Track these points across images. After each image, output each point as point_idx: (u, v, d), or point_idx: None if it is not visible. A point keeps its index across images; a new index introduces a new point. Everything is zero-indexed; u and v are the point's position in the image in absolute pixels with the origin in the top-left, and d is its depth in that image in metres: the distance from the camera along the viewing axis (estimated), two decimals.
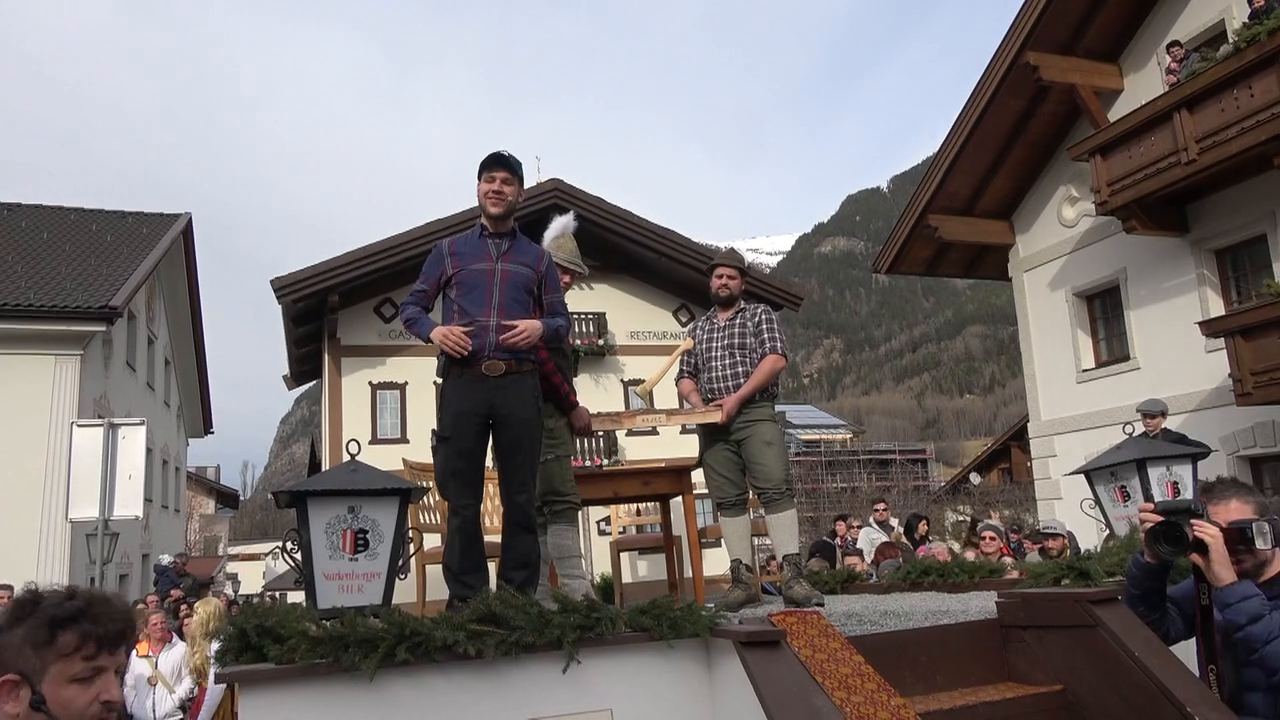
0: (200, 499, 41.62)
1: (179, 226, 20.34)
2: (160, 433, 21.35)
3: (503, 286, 3.63)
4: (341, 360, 17.73)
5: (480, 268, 3.65)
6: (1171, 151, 11.27)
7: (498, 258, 3.69)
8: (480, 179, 3.75)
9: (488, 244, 3.72)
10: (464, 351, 3.47)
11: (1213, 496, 2.86)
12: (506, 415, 3.55)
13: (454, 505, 3.50)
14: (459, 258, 3.68)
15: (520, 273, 3.71)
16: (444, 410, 3.56)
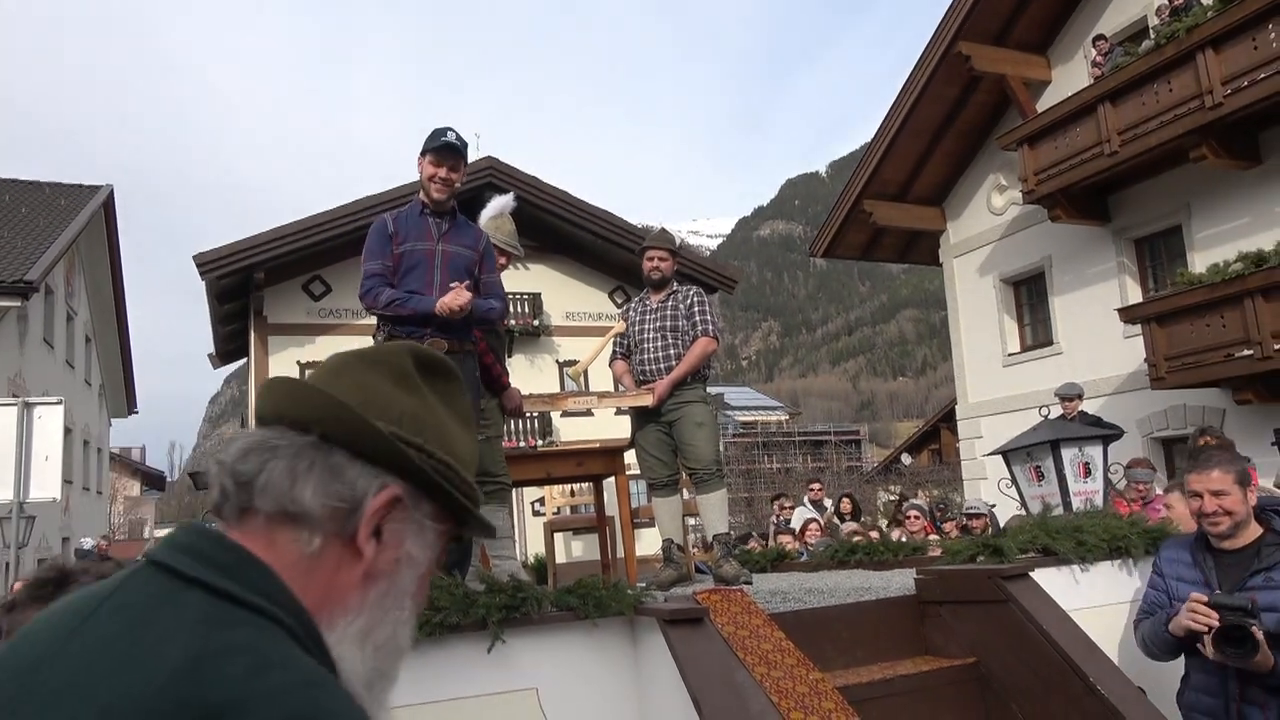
0: (125, 481, 40.37)
1: (100, 199, 19.60)
2: (81, 412, 20.63)
3: (444, 267, 3.60)
4: (269, 339, 17.28)
5: (422, 247, 3.60)
6: (1095, 143, 11.62)
7: (439, 238, 3.64)
8: (425, 158, 3.64)
9: (429, 223, 3.65)
10: (465, 306, 3.41)
11: (1196, 464, 2.93)
12: None
13: None
14: (401, 236, 3.60)
15: (461, 254, 3.68)
16: None
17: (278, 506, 0.79)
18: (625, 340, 5.11)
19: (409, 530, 0.85)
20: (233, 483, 0.80)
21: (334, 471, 0.81)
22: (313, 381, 0.88)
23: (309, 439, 0.81)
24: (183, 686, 0.64)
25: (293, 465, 0.80)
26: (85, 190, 20.02)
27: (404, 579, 0.85)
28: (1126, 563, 3.75)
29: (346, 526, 0.81)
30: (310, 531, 0.80)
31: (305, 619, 0.76)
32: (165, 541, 0.79)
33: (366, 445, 0.82)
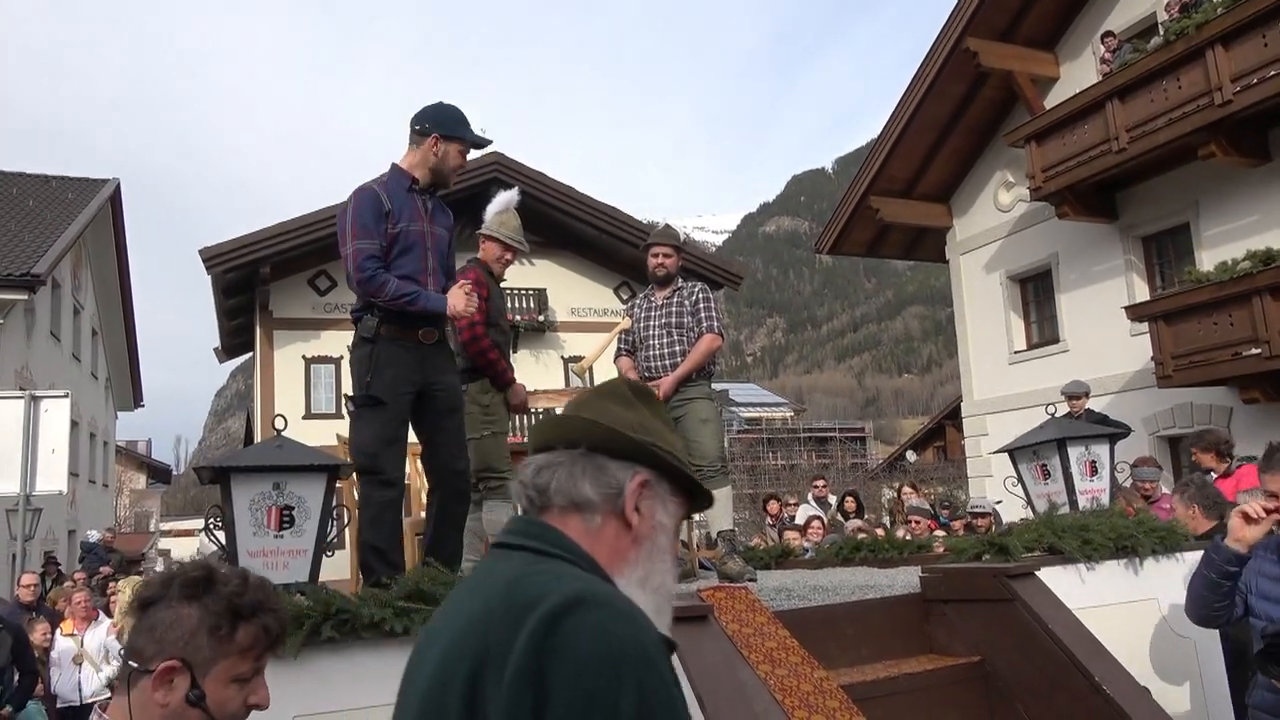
0: (130, 474, 40.48)
1: (106, 192, 19.64)
2: (87, 405, 20.70)
3: (433, 250, 3.48)
4: (274, 333, 17.30)
5: (416, 228, 3.43)
6: (1103, 140, 11.57)
7: (426, 218, 3.50)
8: (451, 143, 3.45)
9: (417, 201, 3.48)
10: (475, 307, 3.35)
11: (1271, 464, 2.90)
12: (436, 381, 3.41)
13: (387, 477, 3.27)
14: (395, 214, 3.41)
15: (443, 236, 3.57)
16: (377, 374, 3.26)
17: (567, 500, 1.17)
18: (630, 337, 5.11)
19: (657, 503, 1.21)
20: (535, 492, 1.19)
21: (600, 469, 1.18)
22: (567, 413, 1.27)
23: (578, 451, 1.19)
24: (510, 593, 1.04)
25: (571, 471, 1.18)
26: (92, 184, 20.06)
27: (660, 539, 1.21)
28: (1133, 562, 3.74)
29: (616, 506, 1.17)
30: (592, 513, 1.17)
31: (598, 568, 1.13)
32: (502, 531, 1.22)
33: (619, 447, 1.19)
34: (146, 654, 1.37)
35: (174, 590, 1.40)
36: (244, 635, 1.42)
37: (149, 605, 1.39)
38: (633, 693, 0.95)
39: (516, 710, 0.94)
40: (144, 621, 1.39)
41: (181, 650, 1.36)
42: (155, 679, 1.35)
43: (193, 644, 1.37)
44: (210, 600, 1.40)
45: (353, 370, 3.38)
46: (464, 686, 0.99)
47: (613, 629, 0.98)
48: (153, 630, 1.38)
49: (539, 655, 0.96)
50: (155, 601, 1.39)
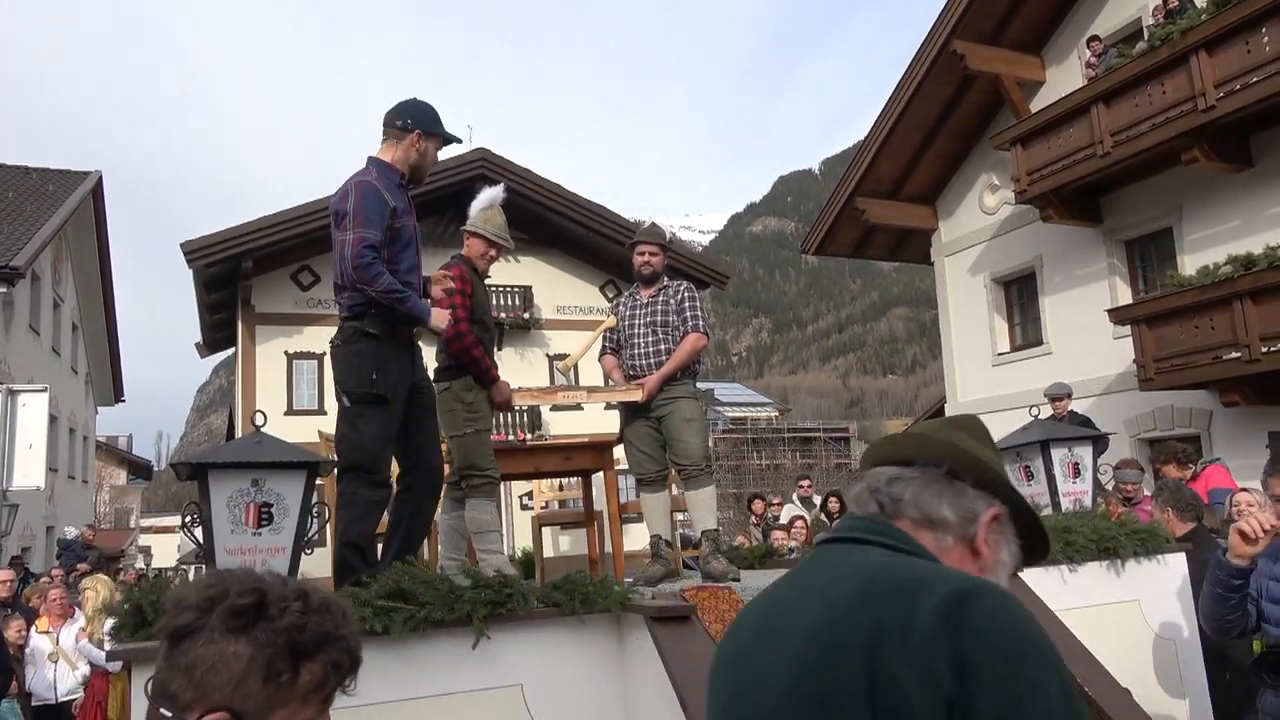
0: (111, 469, 40.12)
1: (88, 185, 19.45)
2: (67, 400, 20.48)
3: (417, 244, 3.57)
4: (256, 328, 17.15)
5: (409, 223, 3.48)
6: (1088, 144, 11.63)
7: (412, 211, 3.58)
8: (429, 140, 3.47)
9: (406, 196, 3.52)
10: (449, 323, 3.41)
11: (1276, 470, 2.91)
12: (422, 381, 3.52)
13: (381, 477, 3.29)
14: (397, 210, 3.41)
15: (418, 229, 3.64)
16: (381, 371, 3.25)
17: (921, 514, 1.21)
18: (615, 335, 5.09)
19: (1003, 541, 1.24)
20: (888, 499, 1.24)
21: (959, 494, 1.22)
22: (929, 434, 1.32)
23: (939, 471, 1.23)
24: (893, 575, 1.09)
25: (929, 488, 1.22)
26: (74, 176, 19.86)
27: (1000, 578, 1.22)
28: (1115, 564, 3.75)
29: (967, 532, 1.21)
30: (945, 533, 1.21)
31: None
32: (834, 531, 1.27)
33: (981, 476, 1.23)
34: (183, 700, 1.07)
35: (216, 620, 1.09)
36: (307, 677, 1.10)
37: (183, 637, 1.09)
38: (1058, 681, 1.01)
39: (931, 675, 0.99)
40: (178, 658, 1.08)
41: (229, 698, 1.07)
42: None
43: (242, 690, 1.07)
44: (264, 634, 1.09)
45: (346, 365, 3.35)
46: (863, 652, 1.03)
47: (1023, 618, 1.04)
48: (190, 671, 1.07)
49: (951, 626, 1.01)
50: (191, 633, 1.09)
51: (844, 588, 1.12)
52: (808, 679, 1.07)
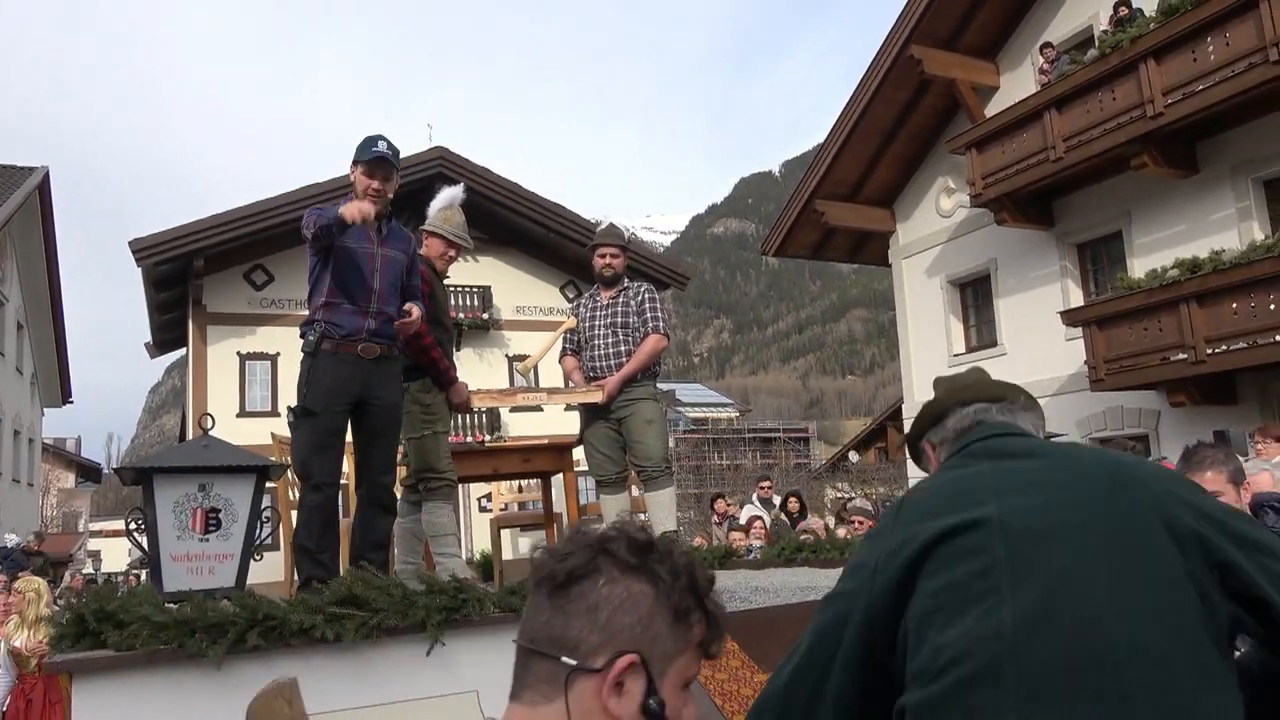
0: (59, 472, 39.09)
1: (34, 180, 18.93)
2: (11, 401, 19.94)
3: (382, 271, 3.63)
4: (208, 328, 16.79)
5: (362, 249, 3.61)
6: (1041, 149, 11.84)
7: (378, 242, 3.67)
8: (358, 168, 3.64)
9: (367, 226, 3.62)
10: (369, 215, 3.40)
11: (1189, 466, 2.89)
12: (376, 398, 3.57)
13: (316, 482, 3.41)
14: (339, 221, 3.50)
15: (397, 259, 3.73)
16: (313, 386, 3.47)
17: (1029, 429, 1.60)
18: (575, 336, 5.06)
19: None
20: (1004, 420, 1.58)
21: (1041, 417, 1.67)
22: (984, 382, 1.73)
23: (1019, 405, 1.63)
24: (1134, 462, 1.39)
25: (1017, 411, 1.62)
26: (19, 171, 19.31)
27: None
28: None
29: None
30: None
31: None
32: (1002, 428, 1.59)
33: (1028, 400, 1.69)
34: (586, 645, 0.98)
35: (616, 556, 1.02)
36: (700, 625, 1.03)
37: (577, 579, 1.01)
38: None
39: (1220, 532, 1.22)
40: (574, 601, 1.00)
41: (637, 641, 0.98)
42: (607, 680, 0.96)
43: (650, 632, 0.99)
44: (664, 571, 1.02)
45: (297, 384, 3.57)
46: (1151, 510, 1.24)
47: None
48: (594, 613, 0.99)
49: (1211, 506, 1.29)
50: (587, 575, 1.01)
51: (1098, 463, 1.36)
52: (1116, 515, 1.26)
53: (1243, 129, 10.63)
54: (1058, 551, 1.22)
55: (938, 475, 1.52)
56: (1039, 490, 1.31)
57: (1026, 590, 1.19)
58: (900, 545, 1.33)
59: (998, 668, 1.15)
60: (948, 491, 1.39)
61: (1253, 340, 9.64)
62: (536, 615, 1.02)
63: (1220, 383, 10.57)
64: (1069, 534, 1.23)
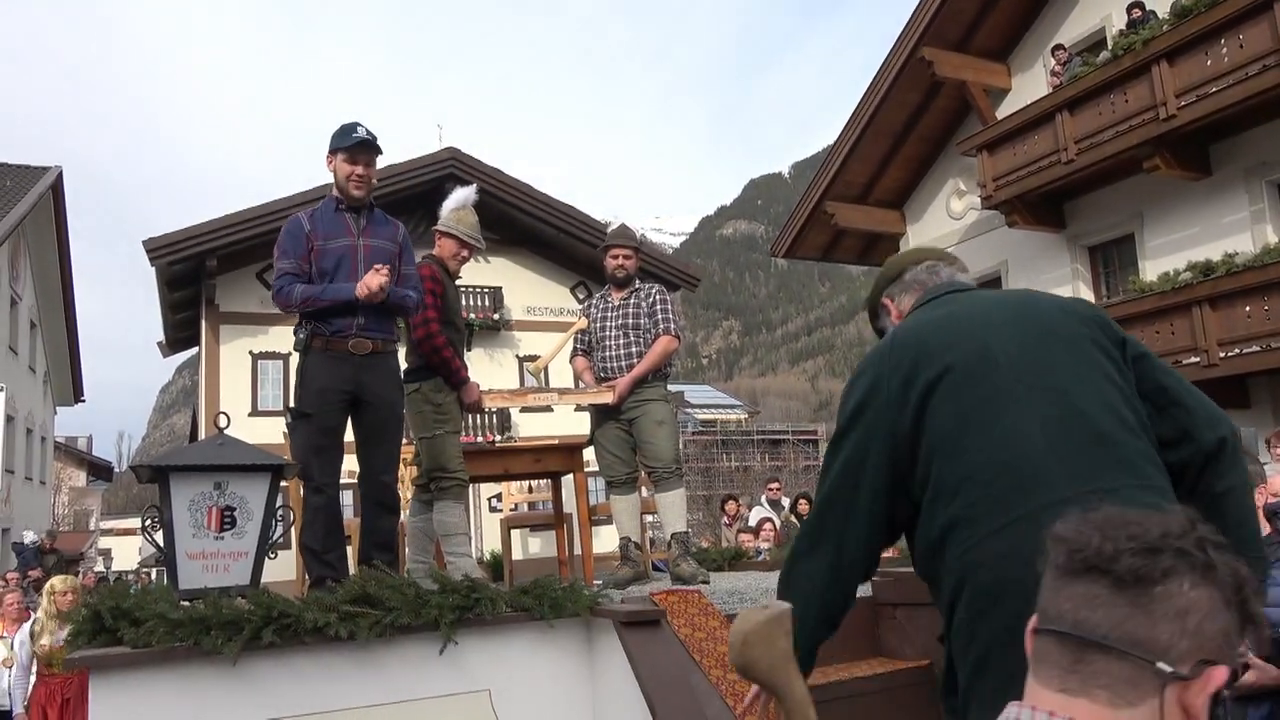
0: (70, 471, 39.35)
1: (48, 180, 19.07)
2: (24, 400, 20.07)
3: (367, 260, 3.60)
4: (220, 328, 16.86)
5: (342, 243, 3.61)
6: (1052, 151, 11.80)
7: (359, 233, 3.65)
8: (338, 156, 3.62)
9: (346, 219, 3.66)
10: (384, 286, 3.41)
11: None
12: (372, 395, 3.55)
13: (317, 484, 3.42)
14: (319, 233, 3.59)
15: (383, 247, 3.70)
16: (306, 386, 3.47)
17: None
18: (586, 337, 5.07)
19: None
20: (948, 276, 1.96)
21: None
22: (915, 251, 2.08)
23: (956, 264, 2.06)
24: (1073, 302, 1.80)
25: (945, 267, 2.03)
26: (33, 171, 19.46)
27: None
28: None
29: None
30: None
31: None
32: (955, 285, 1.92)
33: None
34: (1176, 651, 0.93)
35: (1194, 557, 0.95)
36: (1246, 638, 0.97)
37: (1158, 579, 0.94)
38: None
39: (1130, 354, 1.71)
40: (1161, 603, 0.94)
41: (1220, 651, 0.94)
42: (1203, 691, 0.93)
43: (1229, 642, 0.94)
44: (1227, 579, 0.95)
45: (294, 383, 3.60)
46: (1085, 328, 1.69)
47: None
48: (1183, 618, 0.93)
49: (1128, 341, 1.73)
50: (1169, 575, 0.94)
51: (1049, 303, 1.78)
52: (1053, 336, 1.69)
53: (1256, 131, 10.57)
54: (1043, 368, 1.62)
55: (922, 315, 1.82)
56: (1016, 323, 1.69)
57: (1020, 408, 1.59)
58: (913, 374, 1.65)
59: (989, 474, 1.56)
60: (944, 328, 1.71)
61: (1266, 344, 9.59)
62: (1104, 610, 0.95)
63: (1233, 386, 10.51)
64: (1041, 354, 1.64)
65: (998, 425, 1.57)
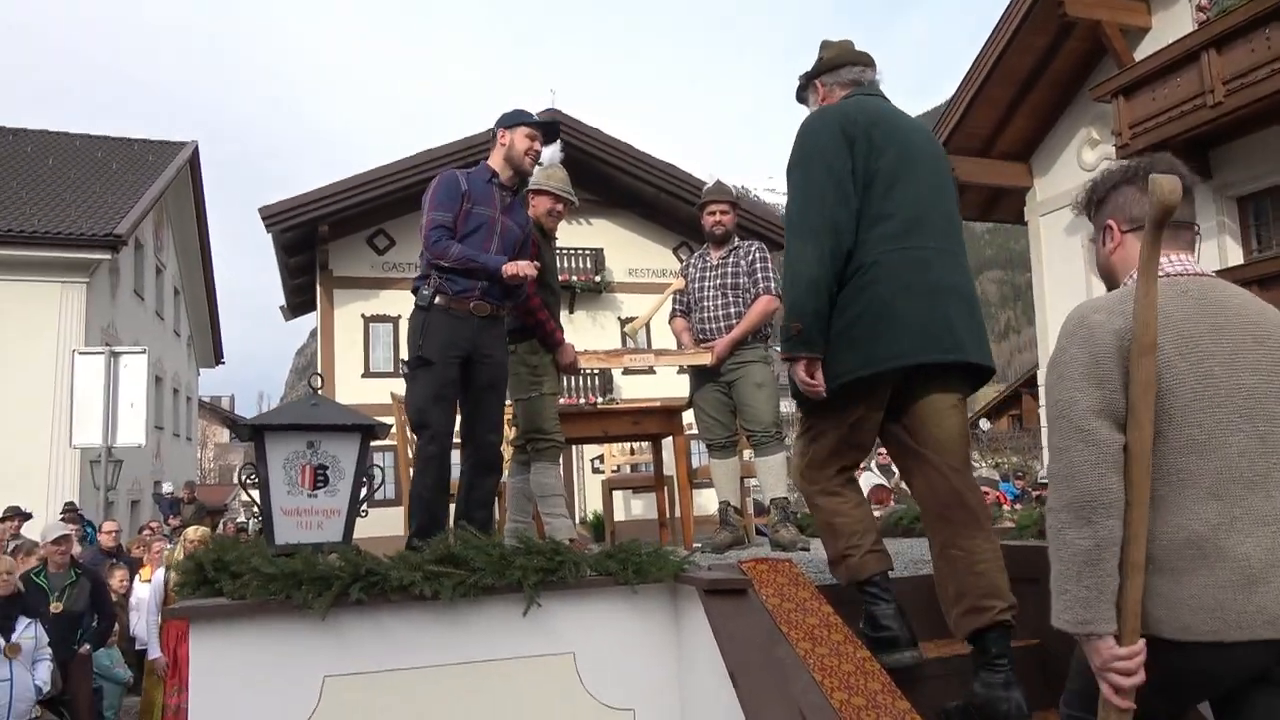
0: (214, 428, 42.11)
1: (185, 155, 20.15)
2: (170, 362, 21.46)
3: (501, 237, 3.73)
4: (334, 292, 17.48)
5: (486, 212, 3.71)
6: (1197, 93, 10.89)
7: (501, 209, 3.77)
8: (520, 129, 3.78)
9: (495, 192, 3.77)
10: (532, 275, 3.61)
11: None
12: (486, 355, 3.64)
13: (434, 431, 3.49)
14: (471, 197, 3.71)
15: (514, 230, 3.82)
16: (428, 338, 3.55)
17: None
18: (685, 297, 4.99)
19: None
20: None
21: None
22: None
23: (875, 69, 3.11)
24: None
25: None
26: (172, 146, 20.61)
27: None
28: None
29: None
30: None
31: None
32: (873, 89, 3.02)
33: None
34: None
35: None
36: None
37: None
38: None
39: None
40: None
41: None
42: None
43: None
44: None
45: (409, 338, 3.67)
46: (942, 151, 2.94)
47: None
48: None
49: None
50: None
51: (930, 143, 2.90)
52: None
53: None
54: (931, 163, 2.82)
55: (864, 102, 2.77)
56: (920, 132, 2.84)
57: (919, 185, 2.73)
58: (870, 131, 2.66)
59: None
60: (870, 107, 2.75)
61: None
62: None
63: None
64: (931, 151, 2.86)
65: (910, 187, 2.64)
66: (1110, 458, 1.62)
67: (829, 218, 2.56)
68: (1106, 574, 1.63)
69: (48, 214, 15.21)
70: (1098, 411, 1.63)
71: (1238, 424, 1.62)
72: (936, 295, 2.56)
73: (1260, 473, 1.61)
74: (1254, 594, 1.55)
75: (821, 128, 2.65)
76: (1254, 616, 1.55)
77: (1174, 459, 1.63)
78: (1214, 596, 1.57)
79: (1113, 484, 1.62)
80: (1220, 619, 1.57)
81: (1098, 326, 1.69)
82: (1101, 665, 1.66)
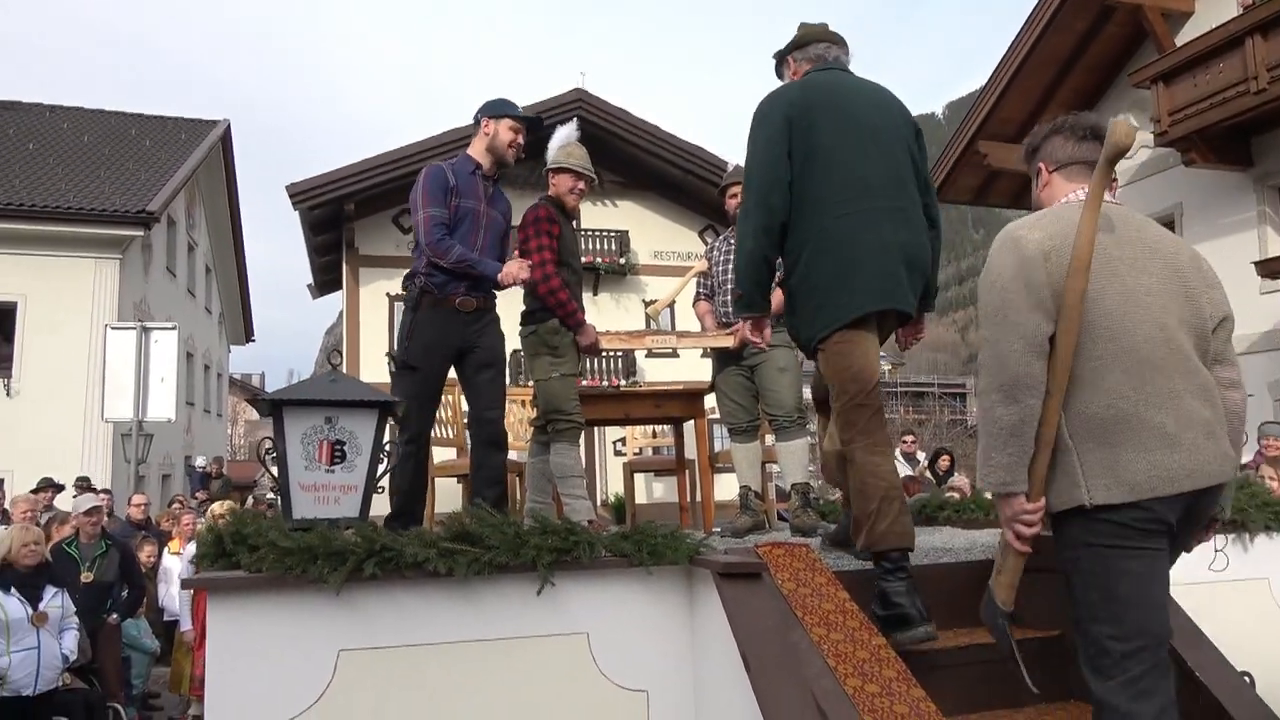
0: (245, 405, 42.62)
1: (217, 133, 20.31)
2: (202, 338, 21.71)
3: (486, 229, 3.81)
4: (360, 270, 17.52)
5: (471, 205, 3.78)
6: (1240, 79, 10.62)
7: (485, 200, 3.83)
8: (504, 122, 3.84)
9: (478, 183, 3.83)
10: (527, 276, 3.74)
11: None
12: (478, 344, 3.74)
13: (413, 433, 3.62)
14: (458, 190, 3.76)
15: (498, 220, 3.92)
16: (413, 340, 3.62)
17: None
18: (709, 280, 4.95)
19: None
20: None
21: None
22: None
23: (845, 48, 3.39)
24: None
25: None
26: (204, 124, 20.78)
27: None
28: (1242, 538, 3.43)
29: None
30: None
31: None
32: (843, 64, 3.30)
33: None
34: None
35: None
36: None
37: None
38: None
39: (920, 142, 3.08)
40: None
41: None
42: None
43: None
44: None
45: (397, 337, 3.78)
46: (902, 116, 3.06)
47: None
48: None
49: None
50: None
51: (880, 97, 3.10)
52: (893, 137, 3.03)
53: None
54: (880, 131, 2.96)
55: (818, 78, 3.03)
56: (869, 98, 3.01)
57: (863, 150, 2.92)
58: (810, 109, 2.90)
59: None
60: (820, 82, 2.98)
61: None
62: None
63: None
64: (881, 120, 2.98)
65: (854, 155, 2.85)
66: (1037, 347, 1.95)
67: (764, 196, 2.88)
68: (1025, 445, 1.98)
69: (82, 190, 15.42)
70: (1027, 308, 1.95)
71: (1141, 316, 1.97)
72: (887, 251, 2.86)
73: (1161, 356, 1.95)
74: (1175, 453, 1.90)
75: (769, 112, 2.94)
76: (1177, 471, 1.89)
77: (1093, 345, 1.95)
78: (1147, 459, 1.90)
79: (1037, 369, 1.95)
80: (1157, 477, 1.89)
81: (1024, 239, 2.03)
82: (1012, 516, 2.06)
